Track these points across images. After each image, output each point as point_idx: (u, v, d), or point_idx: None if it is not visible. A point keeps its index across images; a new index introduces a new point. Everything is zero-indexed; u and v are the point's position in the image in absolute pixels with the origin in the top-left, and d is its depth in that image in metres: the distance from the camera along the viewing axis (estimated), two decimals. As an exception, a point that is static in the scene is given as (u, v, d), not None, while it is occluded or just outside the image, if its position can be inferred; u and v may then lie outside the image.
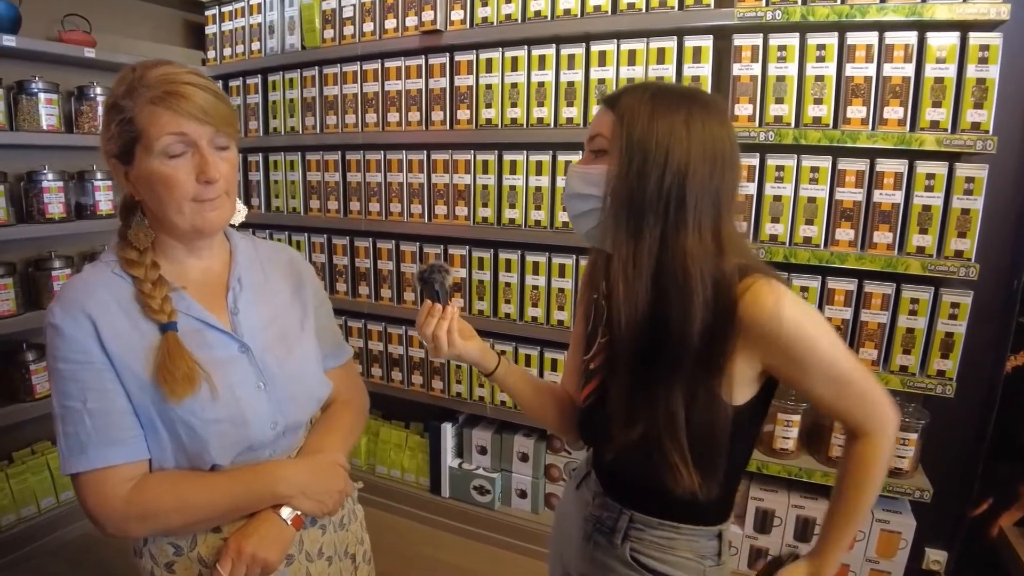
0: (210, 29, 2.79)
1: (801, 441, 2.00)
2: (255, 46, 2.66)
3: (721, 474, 0.97)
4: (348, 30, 2.42)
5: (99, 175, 2.46)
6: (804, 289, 1.85)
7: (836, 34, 1.74)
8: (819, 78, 1.77)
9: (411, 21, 2.28)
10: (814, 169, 1.81)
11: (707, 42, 1.87)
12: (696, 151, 0.90)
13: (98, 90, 2.42)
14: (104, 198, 2.46)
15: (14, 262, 2.32)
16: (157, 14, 2.79)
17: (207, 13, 2.77)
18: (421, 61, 2.29)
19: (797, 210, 1.84)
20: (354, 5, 2.38)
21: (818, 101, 1.78)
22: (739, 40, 1.83)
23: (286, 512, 1.05)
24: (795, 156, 1.82)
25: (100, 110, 2.42)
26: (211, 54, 2.81)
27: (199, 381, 0.98)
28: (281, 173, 2.71)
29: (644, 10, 1.93)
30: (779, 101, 1.82)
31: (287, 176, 2.70)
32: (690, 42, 1.89)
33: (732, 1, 1.83)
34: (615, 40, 1.98)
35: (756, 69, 1.83)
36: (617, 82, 2.00)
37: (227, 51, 2.76)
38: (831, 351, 0.93)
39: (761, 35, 1.80)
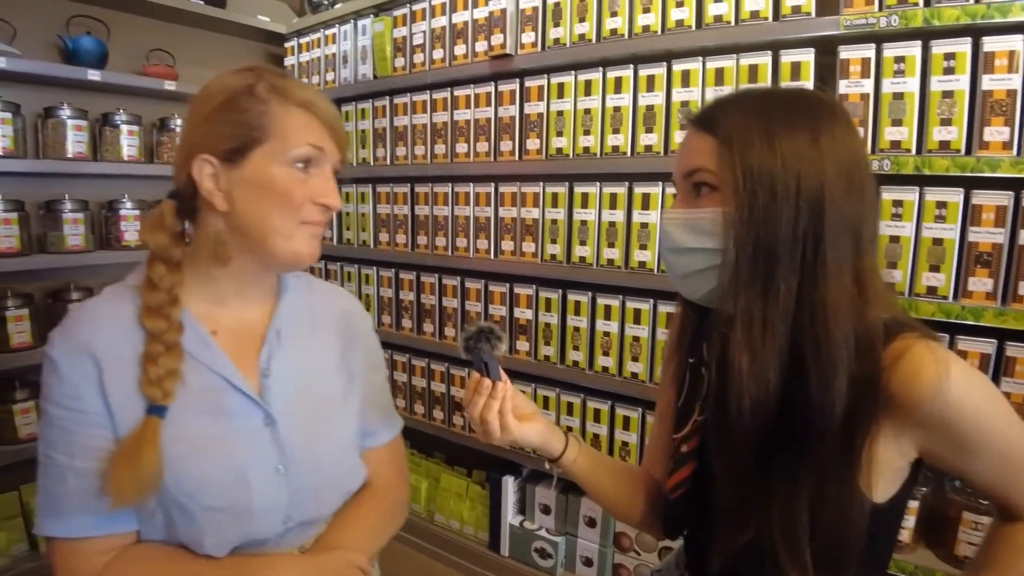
0: (289, 60, 2.80)
1: (919, 532, 1.63)
2: (329, 76, 2.64)
3: None
4: (418, 58, 2.33)
5: (176, 205, 2.48)
6: (927, 349, 1.52)
7: (969, 40, 1.43)
8: (947, 94, 1.46)
9: (481, 46, 2.15)
10: (941, 204, 1.49)
11: (807, 56, 1.61)
12: (831, 172, 0.70)
13: (178, 121, 2.46)
14: (180, 227, 2.49)
15: (92, 287, 2.37)
16: (240, 47, 2.85)
17: (286, 44, 2.79)
18: (491, 88, 2.15)
19: (919, 254, 1.52)
20: (424, 32, 2.29)
21: (946, 122, 1.47)
22: (846, 52, 1.55)
23: None
24: (917, 189, 1.51)
25: (179, 140, 2.46)
26: (290, 86, 2.81)
27: (149, 493, 0.82)
28: (352, 205, 2.65)
29: (733, 22, 1.70)
30: (896, 123, 1.52)
31: (358, 208, 2.63)
32: (787, 57, 1.63)
33: (837, 7, 1.56)
34: (700, 58, 1.75)
35: (868, 86, 1.54)
36: (703, 104, 1.77)
37: (304, 82, 2.74)
38: (1007, 428, 0.75)
39: (873, 45, 1.52)
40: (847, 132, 0.74)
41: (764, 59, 1.66)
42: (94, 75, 2.20)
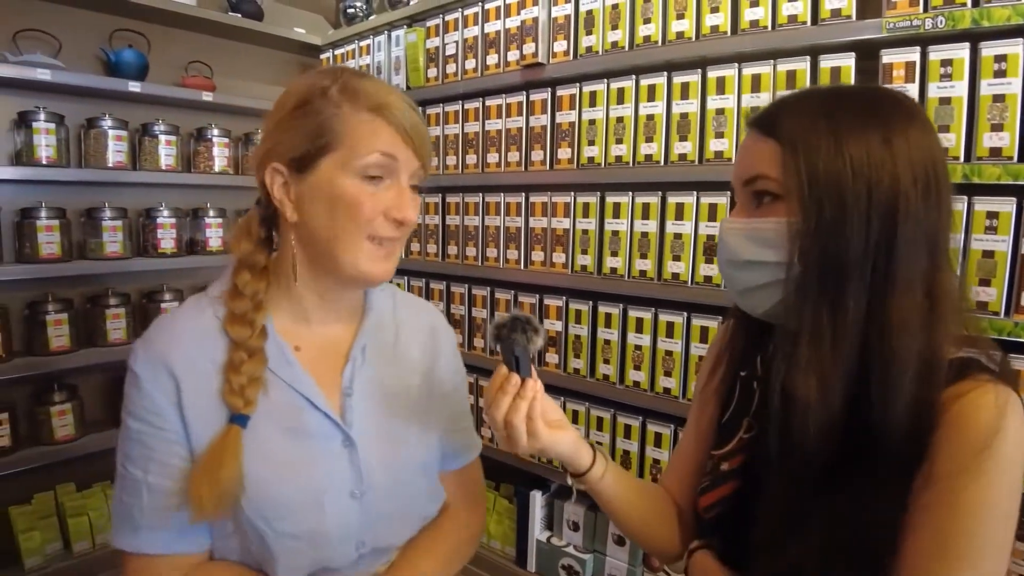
0: (324, 72, 2.83)
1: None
2: (364, 87, 2.65)
3: None
4: (451, 68, 2.33)
5: (212, 212, 2.53)
6: (977, 367, 1.43)
7: (1021, 41, 1.36)
8: (998, 98, 1.39)
9: (512, 55, 2.14)
10: (991, 215, 1.42)
11: (848, 60, 1.55)
12: (905, 176, 0.65)
13: (215, 131, 2.51)
14: (215, 235, 2.53)
15: (129, 293, 2.42)
16: (276, 59, 2.91)
17: (322, 56, 2.83)
18: (522, 98, 2.14)
19: (968, 267, 1.44)
20: (457, 42, 2.29)
21: (996, 127, 1.40)
22: (889, 56, 1.50)
23: None
24: (965, 199, 1.44)
25: (215, 151, 2.50)
26: (325, 97, 2.84)
27: (229, 505, 0.80)
28: (385, 214, 2.65)
29: (770, 27, 1.65)
30: (943, 129, 1.45)
31: (390, 218, 2.64)
32: (827, 62, 1.58)
33: (880, 10, 1.50)
34: (736, 64, 1.71)
35: (912, 91, 1.48)
36: (739, 112, 1.72)
37: (384, 82, 2.77)
38: (995, 520, 0.65)
39: (918, 48, 1.46)
40: (923, 133, 0.69)
41: (802, 64, 1.61)
42: (134, 87, 2.25)
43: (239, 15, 2.58)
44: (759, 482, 0.78)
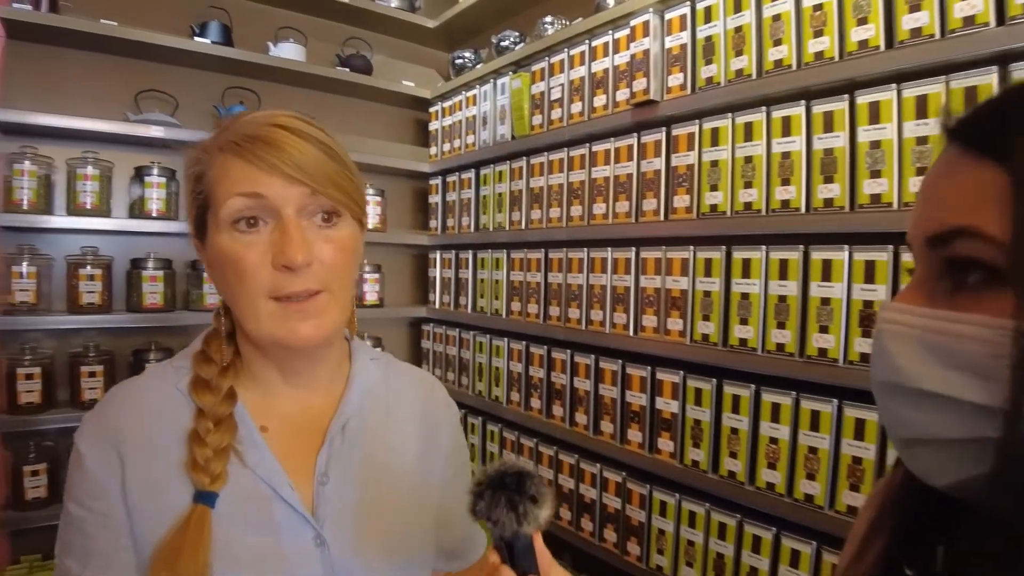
0: (433, 125, 2.79)
1: None
2: (470, 139, 2.56)
3: None
4: (556, 113, 2.14)
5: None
6: None
7: None
8: None
9: (622, 95, 1.91)
10: None
11: (1058, 68, 1.16)
12: None
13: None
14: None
15: (171, 347, 2.35)
16: (385, 113, 2.92)
17: (431, 109, 2.79)
18: (633, 140, 1.89)
19: None
20: (563, 85, 2.10)
21: None
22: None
23: None
24: None
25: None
26: (433, 150, 2.79)
27: None
28: (487, 272, 2.48)
29: (938, 35, 1.29)
30: None
31: (492, 275, 2.45)
32: (1022, 72, 1.19)
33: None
34: (894, 85, 1.36)
35: None
36: (900, 144, 1.36)
37: (446, 146, 2.71)
38: None
39: None
40: None
41: (987, 78, 1.23)
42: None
43: (348, 69, 2.59)
44: None
